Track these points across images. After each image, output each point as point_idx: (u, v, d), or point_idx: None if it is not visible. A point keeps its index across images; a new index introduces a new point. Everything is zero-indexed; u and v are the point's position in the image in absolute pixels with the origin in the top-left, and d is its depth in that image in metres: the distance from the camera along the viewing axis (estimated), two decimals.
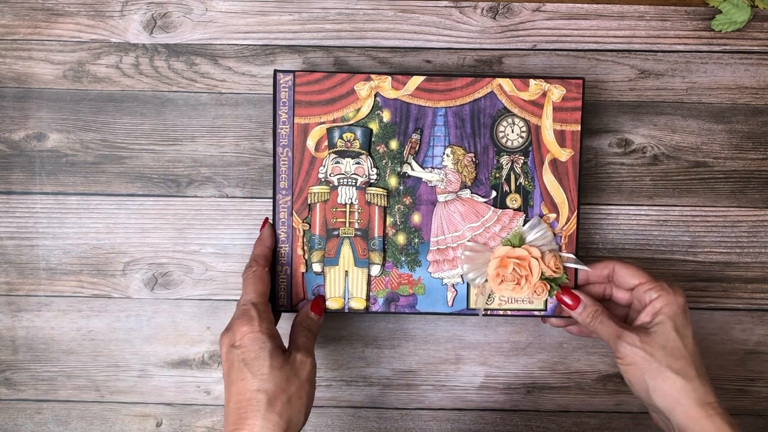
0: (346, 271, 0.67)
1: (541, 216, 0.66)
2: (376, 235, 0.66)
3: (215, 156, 0.73)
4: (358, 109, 0.65)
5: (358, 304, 0.67)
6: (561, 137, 0.66)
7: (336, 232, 0.66)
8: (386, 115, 0.65)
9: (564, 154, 0.66)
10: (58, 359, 0.74)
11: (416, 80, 0.65)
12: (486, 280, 0.66)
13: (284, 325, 0.65)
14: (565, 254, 0.66)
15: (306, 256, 0.66)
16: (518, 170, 0.66)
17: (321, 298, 0.66)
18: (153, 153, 0.73)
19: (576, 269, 0.66)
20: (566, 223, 0.66)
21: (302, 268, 0.66)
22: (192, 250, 0.73)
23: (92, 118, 0.72)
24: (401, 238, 0.66)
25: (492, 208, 0.66)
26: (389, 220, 0.66)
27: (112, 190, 0.73)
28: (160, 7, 0.72)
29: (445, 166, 0.66)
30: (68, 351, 0.74)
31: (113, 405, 0.75)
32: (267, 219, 0.66)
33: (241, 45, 0.72)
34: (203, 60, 0.72)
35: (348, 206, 0.66)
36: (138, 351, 0.74)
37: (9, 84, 0.72)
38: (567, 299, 0.64)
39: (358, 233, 0.66)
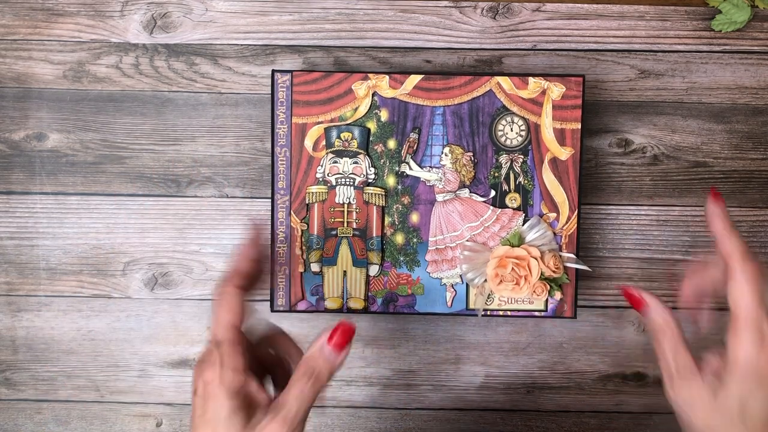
0: (345, 271, 0.67)
1: (541, 215, 0.66)
2: (374, 235, 0.66)
3: (215, 156, 0.73)
4: (356, 109, 0.65)
5: (357, 304, 0.67)
6: (561, 136, 0.66)
7: (334, 232, 0.66)
8: (384, 115, 0.65)
9: (564, 153, 0.66)
10: (58, 359, 0.74)
11: (414, 79, 0.65)
12: (485, 280, 0.66)
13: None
14: (565, 254, 0.66)
15: (304, 256, 0.66)
16: (517, 169, 0.66)
17: (347, 329, 0.50)
18: (153, 153, 0.73)
19: (576, 269, 0.66)
20: (566, 222, 0.66)
21: (300, 268, 0.66)
22: (192, 250, 0.73)
23: (92, 118, 0.72)
24: (399, 238, 0.66)
25: (491, 207, 0.66)
26: (387, 219, 0.66)
27: (112, 190, 0.73)
28: (160, 7, 0.72)
29: (444, 166, 0.66)
30: (68, 351, 0.74)
31: (113, 405, 0.75)
32: (252, 219, 0.60)
33: (241, 45, 0.72)
34: (203, 60, 0.72)
35: (346, 206, 0.66)
36: (138, 351, 0.74)
37: (9, 84, 0.72)
38: (633, 294, 0.53)
39: (356, 233, 0.66)
